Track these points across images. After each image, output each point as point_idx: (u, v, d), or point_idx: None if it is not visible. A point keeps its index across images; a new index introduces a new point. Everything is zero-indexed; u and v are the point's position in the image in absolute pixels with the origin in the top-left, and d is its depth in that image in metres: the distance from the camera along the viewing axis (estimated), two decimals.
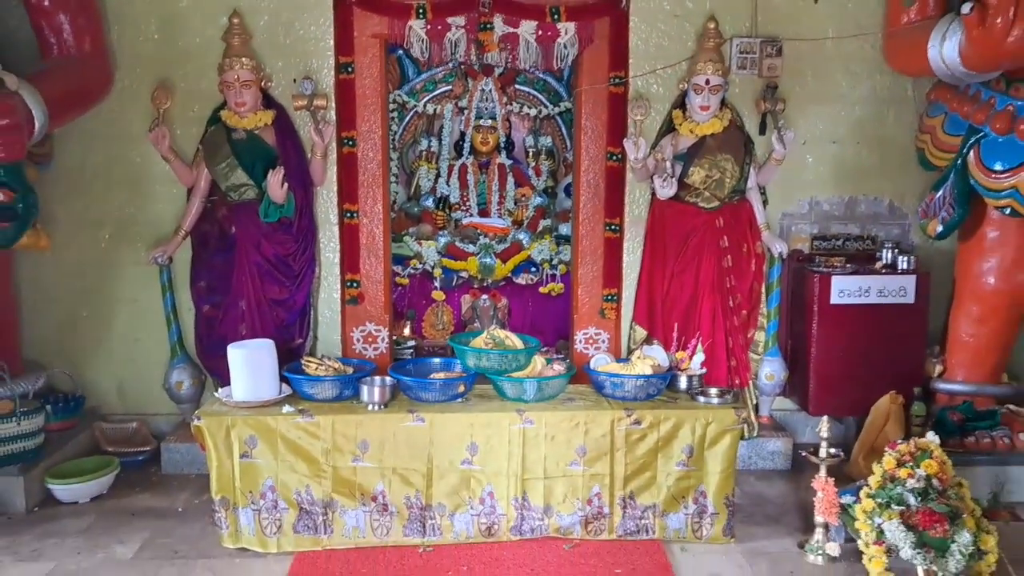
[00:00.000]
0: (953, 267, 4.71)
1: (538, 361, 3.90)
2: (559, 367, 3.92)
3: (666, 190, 4.47)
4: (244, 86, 4.46)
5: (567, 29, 4.73)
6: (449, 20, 4.73)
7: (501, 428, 3.70)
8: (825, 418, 3.64)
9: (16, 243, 4.07)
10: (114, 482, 4.36)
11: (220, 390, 3.91)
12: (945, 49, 4.07)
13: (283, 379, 3.88)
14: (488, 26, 4.73)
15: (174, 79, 4.67)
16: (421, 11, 4.69)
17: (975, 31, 3.84)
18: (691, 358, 3.97)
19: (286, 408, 3.71)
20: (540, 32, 4.74)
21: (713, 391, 3.90)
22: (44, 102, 3.99)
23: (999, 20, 3.69)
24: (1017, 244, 4.39)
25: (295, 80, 4.69)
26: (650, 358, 3.88)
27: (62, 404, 4.62)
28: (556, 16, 4.69)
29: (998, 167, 4.19)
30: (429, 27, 4.72)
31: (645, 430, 3.70)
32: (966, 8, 3.85)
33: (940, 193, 4.48)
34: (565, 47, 4.76)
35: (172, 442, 4.62)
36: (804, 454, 3.69)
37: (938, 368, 4.66)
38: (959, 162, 4.38)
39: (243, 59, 4.47)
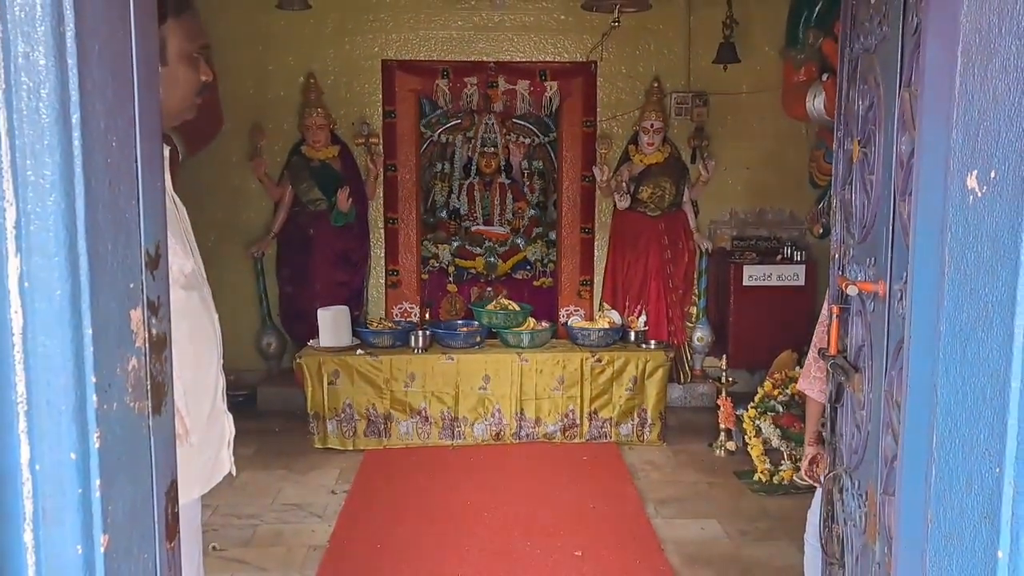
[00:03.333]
0: None
1: (531, 321, 5.61)
2: (546, 324, 5.64)
3: (623, 203, 6.20)
4: (319, 128, 6.19)
5: (552, 86, 6.48)
6: (465, 79, 6.48)
7: (505, 365, 5.39)
8: (725, 356, 5.34)
9: None
10: None
11: (311, 341, 5.58)
12: (815, 103, 5.80)
13: (354, 333, 5.58)
14: (494, 84, 6.48)
15: (265, 121, 6.39)
16: (445, 73, 6.44)
17: (831, 92, 5.57)
18: (637, 319, 5.68)
19: (358, 352, 5.41)
20: (532, 88, 6.49)
21: (652, 342, 5.60)
22: (184, 141, 5.69)
23: None
24: None
25: (354, 123, 6.42)
26: (608, 317, 5.60)
27: None
28: (544, 77, 6.44)
29: None
30: (451, 85, 6.47)
31: (604, 366, 5.40)
32: (824, 77, 5.60)
33: (820, 205, 6.21)
34: (551, 99, 6.51)
35: (264, 387, 6.30)
36: (711, 379, 5.39)
37: None
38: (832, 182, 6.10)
39: (318, 108, 6.20)
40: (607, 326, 5.51)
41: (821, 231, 6.20)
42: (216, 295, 6.17)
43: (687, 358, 6.42)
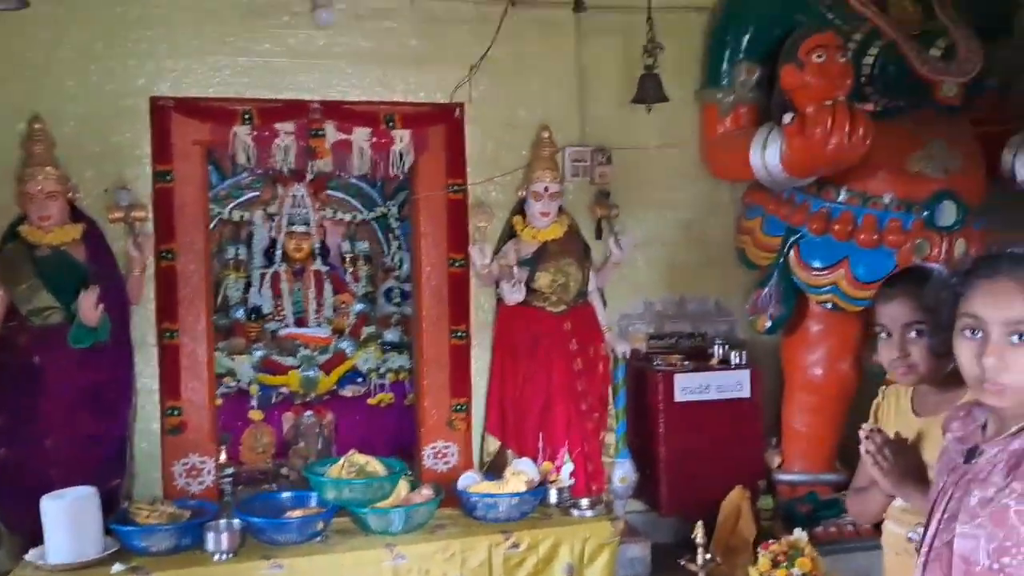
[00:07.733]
0: (777, 359, 4.96)
1: (403, 486, 3.65)
2: (427, 491, 3.67)
3: (515, 295, 4.44)
4: (49, 197, 3.98)
5: (402, 136, 4.64)
6: (277, 126, 4.51)
7: (370, 568, 3.38)
8: (700, 523, 3.59)
9: None
10: None
11: (31, 551, 3.30)
12: (767, 156, 4.32)
13: (108, 532, 3.37)
14: (319, 132, 4.55)
15: None
16: (247, 116, 4.43)
17: (795, 139, 4.12)
18: (559, 469, 3.87)
19: (116, 567, 3.20)
20: (374, 139, 4.61)
21: (584, 502, 3.80)
22: None
23: (818, 130, 3.98)
24: (840, 336, 4.69)
25: (106, 190, 4.25)
26: (522, 473, 3.73)
27: None
28: (391, 123, 4.60)
29: (817, 265, 4.50)
30: (256, 133, 4.46)
31: (524, 553, 3.52)
32: (787, 118, 4.15)
33: (766, 290, 4.72)
34: (401, 154, 4.65)
35: None
36: (682, 562, 3.63)
37: (776, 459, 4.84)
38: (781, 261, 4.65)
39: (47, 168, 3.99)
40: (523, 488, 3.63)
41: (769, 324, 4.71)
42: None
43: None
